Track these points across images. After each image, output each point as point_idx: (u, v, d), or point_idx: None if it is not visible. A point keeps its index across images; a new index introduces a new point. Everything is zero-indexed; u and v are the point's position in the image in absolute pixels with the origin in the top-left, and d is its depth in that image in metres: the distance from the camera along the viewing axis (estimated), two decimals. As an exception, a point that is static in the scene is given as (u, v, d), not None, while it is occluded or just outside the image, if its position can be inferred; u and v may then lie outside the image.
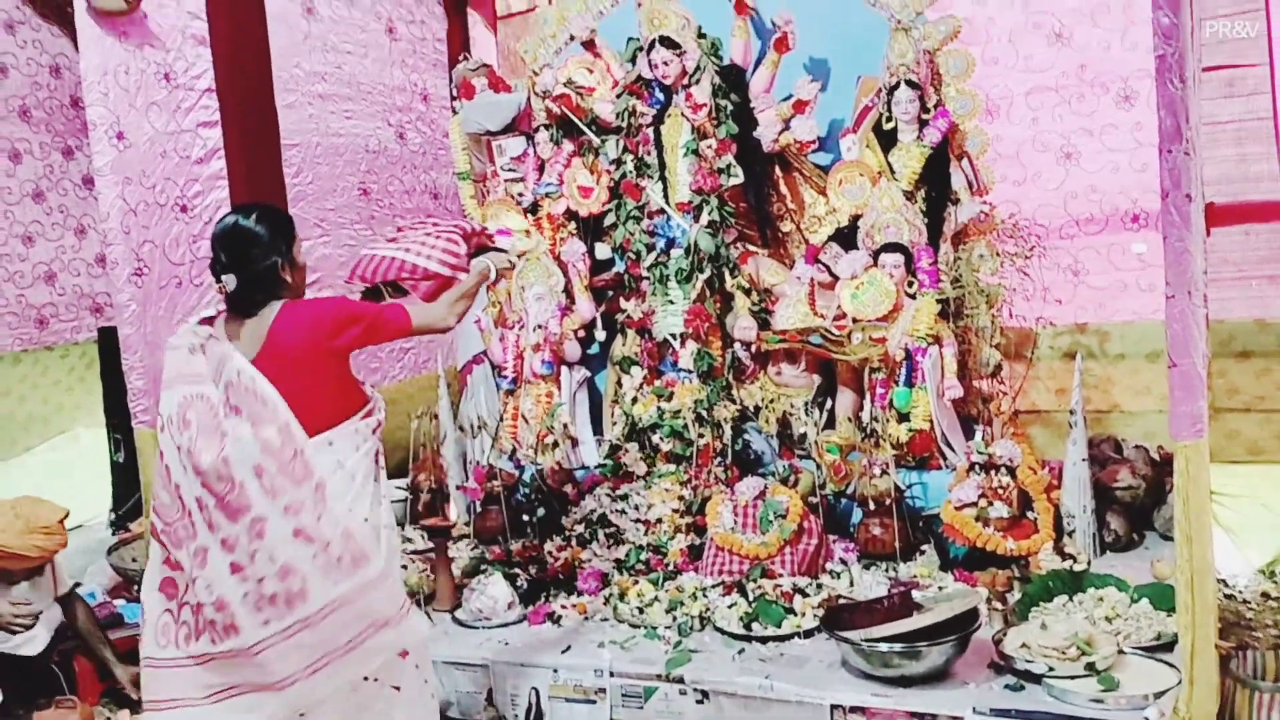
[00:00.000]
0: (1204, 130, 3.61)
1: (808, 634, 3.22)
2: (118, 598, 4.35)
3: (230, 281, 2.65)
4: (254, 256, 2.66)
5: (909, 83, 4.19)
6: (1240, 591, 3.85)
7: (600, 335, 4.75)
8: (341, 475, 2.64)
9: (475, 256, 3.06)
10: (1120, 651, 2.82)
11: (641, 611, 3.43)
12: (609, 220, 4.66)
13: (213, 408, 2.57)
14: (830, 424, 4.15)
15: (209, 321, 2.73)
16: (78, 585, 3.89)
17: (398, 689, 2.72)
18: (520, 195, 4.91)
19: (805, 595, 3.39)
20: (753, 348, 4.45)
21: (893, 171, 4.27)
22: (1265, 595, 3.78)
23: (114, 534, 5.15)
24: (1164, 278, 2.53)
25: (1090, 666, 2.72)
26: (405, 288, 3.06)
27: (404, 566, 3.99)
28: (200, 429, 2.56)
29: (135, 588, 4.39)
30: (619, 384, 4.65)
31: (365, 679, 2.65)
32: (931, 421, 4.03)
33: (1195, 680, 2.55)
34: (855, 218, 4.27)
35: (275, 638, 2.51)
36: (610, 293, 4.79)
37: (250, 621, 2.50)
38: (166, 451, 2.61)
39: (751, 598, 3.40)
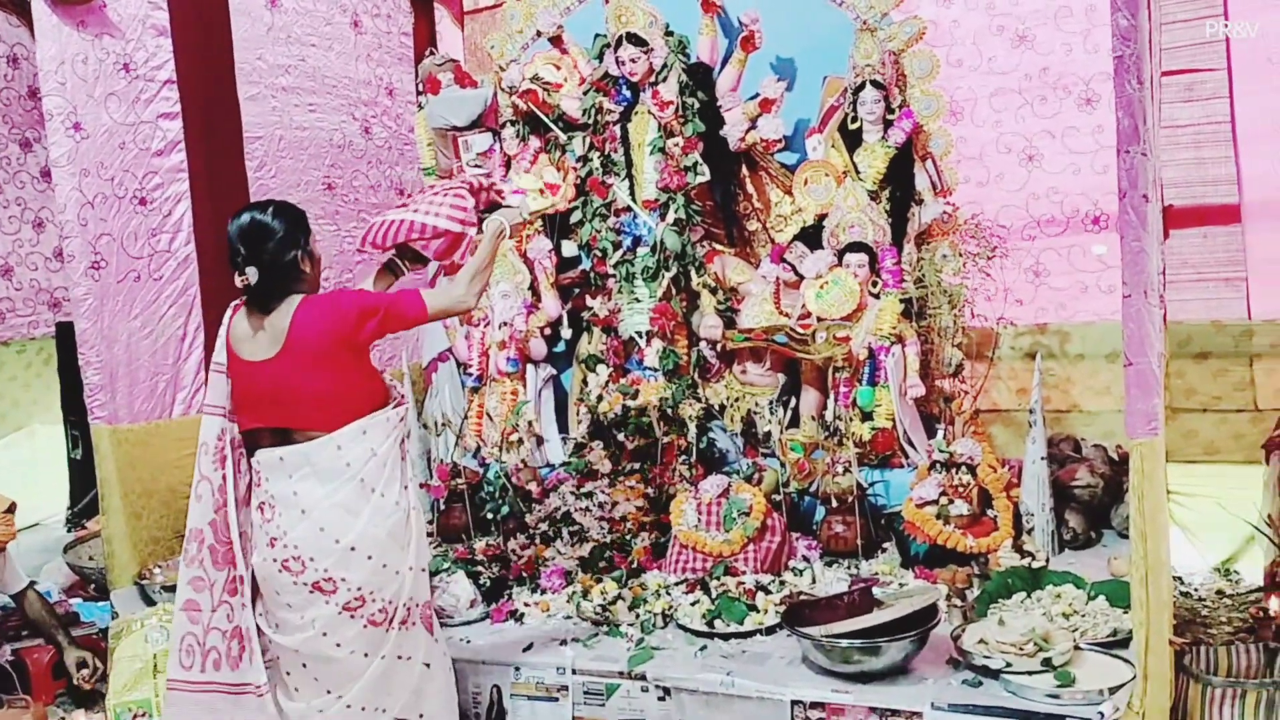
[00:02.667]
0: (1163, 133, 3.66)
1: (769, 631, 3.23)
2: (74, 596, 4.29)
3: (253, 274, 2.69)
4: (274, 249, 2.71)
5: (874, 83, 4.22)
6: (1196, 589, 3.90)
7: (566, 333, 4.74)
8: (374, 463, 2.72)
9: (487, 213, 3.03)
10: (1077, 647, 2.84)
11: (605, 609, 3.43)
12: (575, 218, 4.65)
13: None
14: (794, 422, 4.17)
15: (236, 309, 2.80)
16: (34, 584, 3.83)
17: (428, 665, 2.83)
18: (486, 191, 4.88)
19: (768, 592, 3.40)
20: (718, 346, 4.46)
21: (857, 171, 4.30)
22: (1220, 593, 3.84)
23: (70, 531, 5.07)
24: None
25: (1047, 662, 2.74)
26: (419, 250, 3.05)
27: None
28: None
29: (92, 586, 4.34)
30: (584, 382, 4.64)
31: (399, 657, 2.75)
32: (894, 420, 4.05)
33: (1149, 675, 2.59)
34: (820, 217, 4.29)
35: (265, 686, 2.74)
36: (576, 290, 4.78)
37: (258, 661, 2.74)
38: (228, 474, 2.75)
39: (714, 595, 3.40)
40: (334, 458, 2.70)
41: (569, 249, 4.75)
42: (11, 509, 3.63)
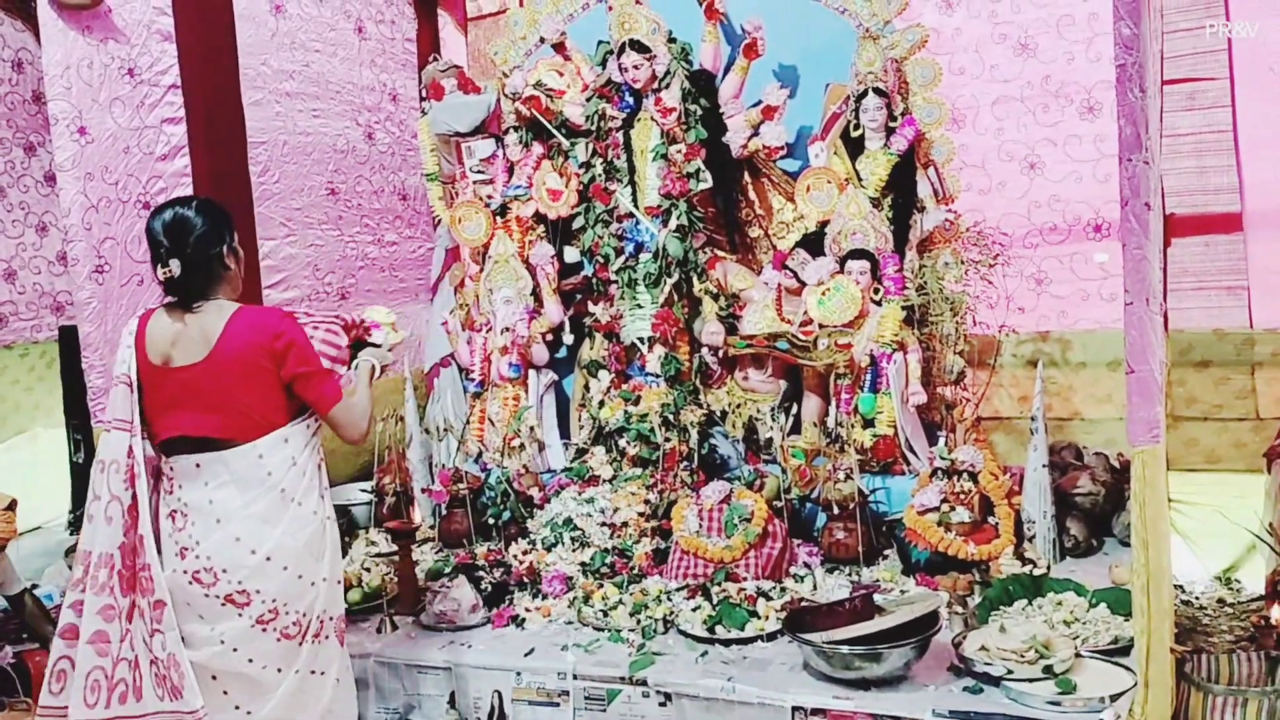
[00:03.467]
0: (1165, 142, 3.67)
1: (770, 637, 3.23)
2: (75, 600, 4.28)
3: (176, 266, 2.63)
4: (197, 242, 2.66)
5: (876, 90, 4.23)
6: (1197, 597, 3.90)
7: (568, 339, 4.75)
8: (294, 471, 2.67)
9: (356, 350, 3.01)
10: (1078, 655, 2.85)
11: (606, 614, 3.43)
12: (578, 223, 4.66)
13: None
14: (796, 429, 4.17)
15: (146, 316, 2.72)
16: (35, 587, 3.83)
17: (339, 681, 2.81)
18: (489, 197, 4.90)
19: (769, 599, 3.40)
20: (720, 352, 4.47)
21: (860, 179, 4.30)
22: (1221, 601, 3.84)
23: (72, 535, 5.07)
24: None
25: (1048, 669, 2.74)
26: None
27: (367, 569, 3.98)
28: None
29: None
30: (586, 388, 4.65)
31: (313, 672, 2.69)
32: (895, 427, 4.06)
33: (1150, 683, 2.59)
34: (822, 224, 4.30)
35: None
36: (578, 296, 4.79)
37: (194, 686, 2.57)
38: (140, 493, 2.62)
39: (715, 601, 3.40)
40: (255, 466, 2.63)
41: (571, 255, 4.76)
42: (12, 506, 3.63)
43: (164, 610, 2.57)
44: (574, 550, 3.83)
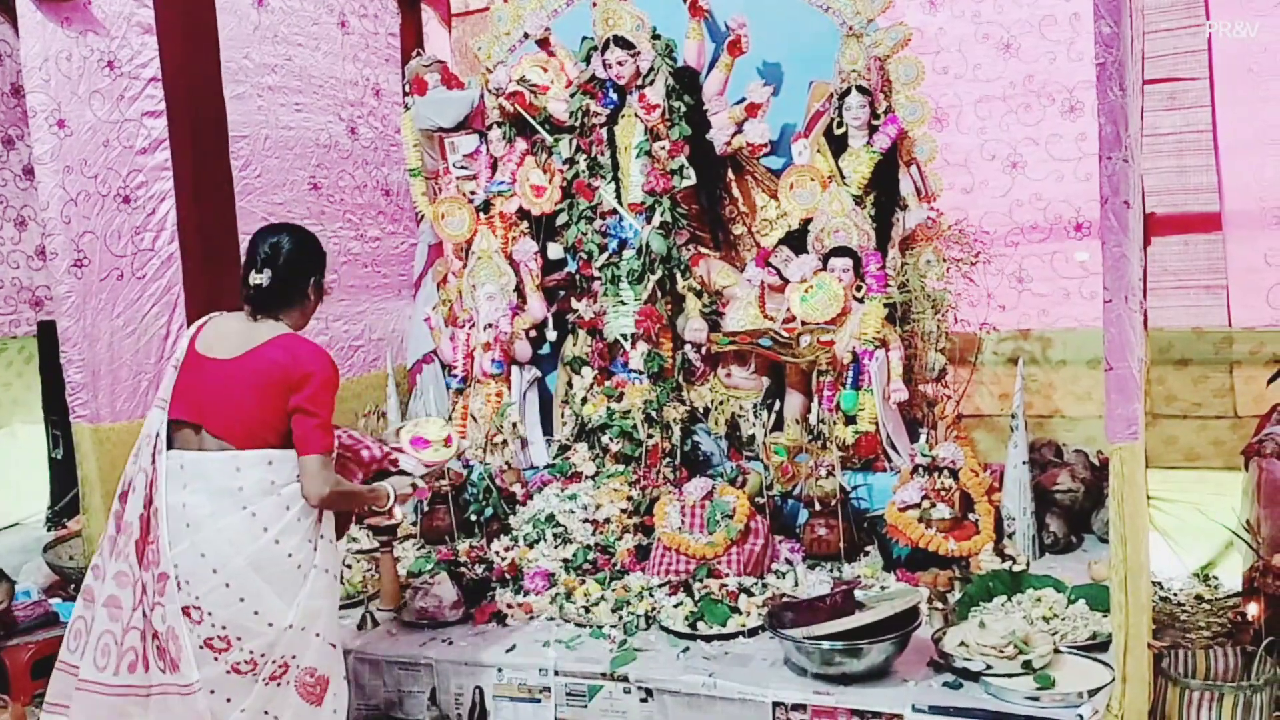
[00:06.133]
0: (1145, 142, 3.69)
1: (752, 633, 3.23)
2: (54, 596, 4.25)
3: (265, 277, 2.66)
4: (295, 265, 2.71)
5: (860, 89, 4.24)
6: (1175, 594, 3.93)
7: (551, 335, 4.74)
8: (271, 500, 2.60)
9: (378, 478, 3.01)
10: (1056, 650, 2.86)
11: (588, 611, 3.43)
12: (561, 220, 4.66)
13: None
14: (778, 426, 4.18)
15: (217, 315, 2.78)
16: (13, 584, 3.81)
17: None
18: (472, 193, 4.89)
19: (750, 595, 3.41)
20: (703, 349, 4.47)
21: (843, 176, 4.32)
22: (1199, 598, 3.87)
23: (50, 531, 5.03)
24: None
25: (1027, 665, 2.76)
26: None
27: (349, 566, 3.96)
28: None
29: (72, 586, 4.31)
30: (569, 384, 4.65)
31: (265, 713, 2.61)
32: (877, 424, 4.07)
33: (1128, 678, 2.60)
34: (805, 221, 4.31)
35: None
36: (562, 292, 4.78)
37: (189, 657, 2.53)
38: (160, 468, 2.62)
39: (697, 597, 3.41)
40: (229, 477, 2.59)
41: (555, 251, 4.75)
42: None
43: (166, 583, 2.54)
44: (556, 547, 3.83)
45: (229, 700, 2.56)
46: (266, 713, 2.59)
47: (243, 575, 2.56)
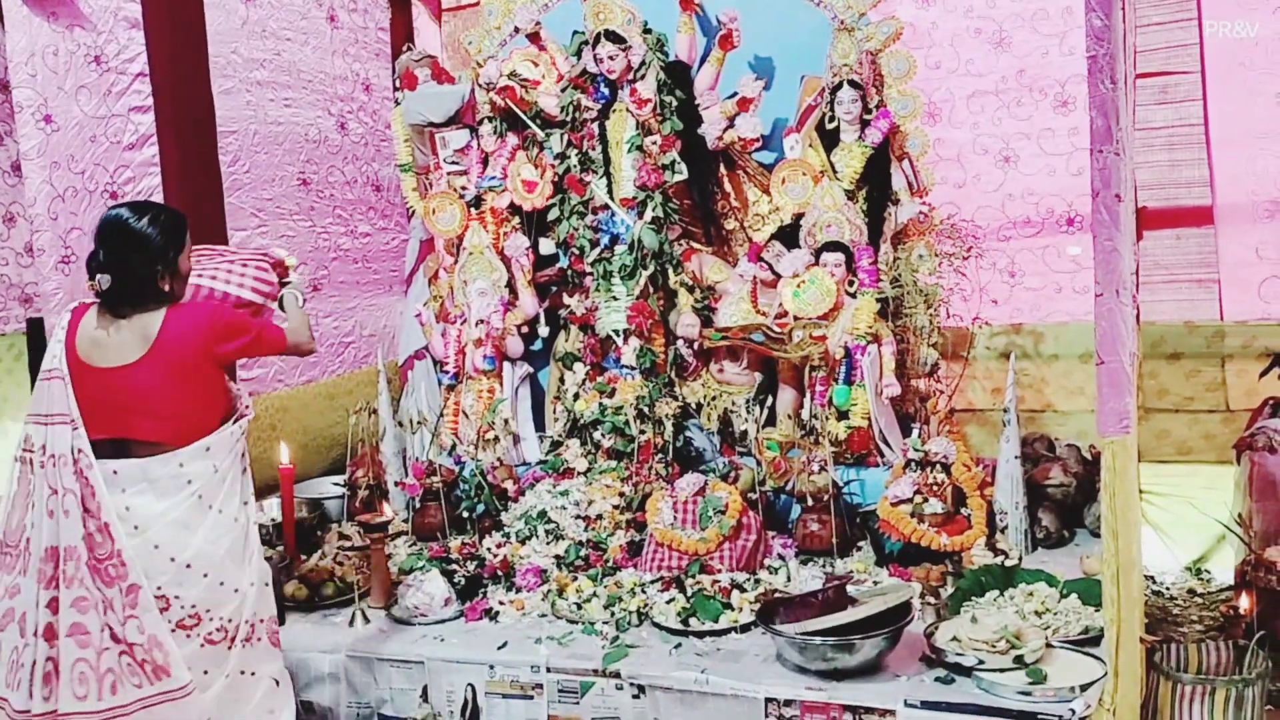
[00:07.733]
0: (1137, 136, 3.69)
1: (744, 629, 3.23)
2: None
3: (104, 281, 2.57)
4: (135, 261, 2.60)
5: (851, 83, 4.23)
6: (1168, 588, 3.95)
7: (543, 331, 4.72)
8: (215, 479, 2.65)
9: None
10: (1048, 645, 2.86)
11: (580, 607, 3.42)
12: (553, 215, 4.64)
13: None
14: (771, 421, 4.18)
15: (80, 311, 2.67)
16: None
17: (278, 682, 2.80)
18: (463, 189, 4.87)
19: (743, 590, 3.40)
20: (695, 345, 4.46)
21: (834, 171, 4.31)
22: (1191, 592, 3.89)
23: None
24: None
25: (1019, 659, 2.75)
26: None
27: (340, 563, 3.93)
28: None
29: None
30: (561, 380, 4.63)
31: (243, 673, 2.67)
32: (870, 419, 4.06)
33: (1120, 672, 2.61)
34: (798, 216, 4.30)
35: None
36: (554, 288, 4.77)
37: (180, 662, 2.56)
38: (96, 483, 2.54)
39: (690, 593, 3.40)
40: (175, 474, 2.61)
41: (546, 246, 4.74)
42: None
43: (138, 593, 2.53)
44: (548, 543, 3.82)
45: (206, 673, 2.61)
46: (243, 672, 2.67)
47: (204, 553, 2.60)
